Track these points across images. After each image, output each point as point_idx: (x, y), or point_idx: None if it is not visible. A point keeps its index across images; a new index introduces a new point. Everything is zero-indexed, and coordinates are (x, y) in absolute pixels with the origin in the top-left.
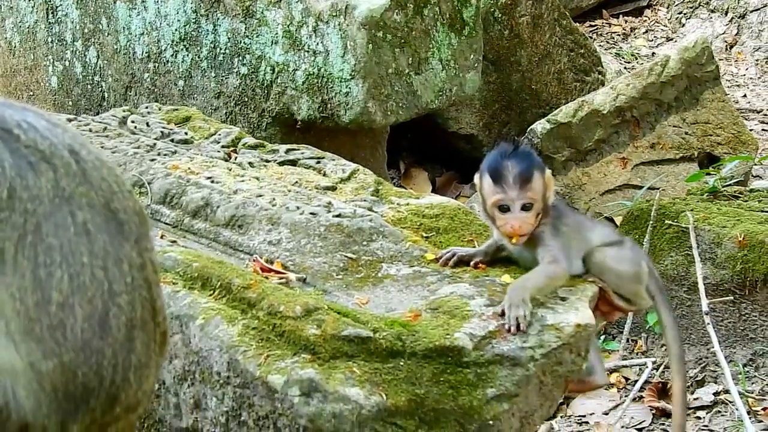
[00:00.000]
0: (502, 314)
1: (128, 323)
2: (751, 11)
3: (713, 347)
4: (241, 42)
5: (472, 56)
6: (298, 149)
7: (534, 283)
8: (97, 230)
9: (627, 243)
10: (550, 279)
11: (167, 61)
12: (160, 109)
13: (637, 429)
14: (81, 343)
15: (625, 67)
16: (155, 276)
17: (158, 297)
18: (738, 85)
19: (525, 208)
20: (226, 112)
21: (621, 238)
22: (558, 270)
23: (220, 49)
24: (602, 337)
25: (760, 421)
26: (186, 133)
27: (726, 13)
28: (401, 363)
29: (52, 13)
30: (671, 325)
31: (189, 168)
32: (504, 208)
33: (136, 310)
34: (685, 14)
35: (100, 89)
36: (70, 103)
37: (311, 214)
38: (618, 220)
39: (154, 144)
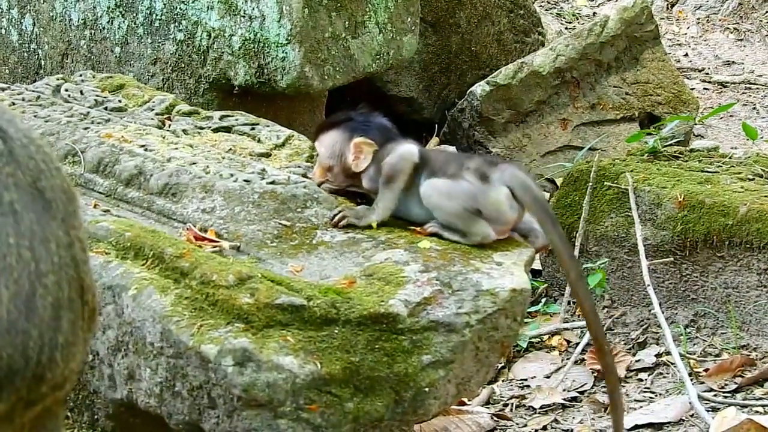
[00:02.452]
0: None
1: (55, 303)
2: None
3: (654, 309)
4: (176, 8)
5: (409, 19)
6: (233, 116)
7: (382, 197)
8: (24, 210)
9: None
10: (392, 179)
11: (103, 28)
12: (94, 77)
13: (578, 392)
14: (7, 325)
15: (566, 28)
16: (83, 254)
17: (86, 275)
18: (679, 44)
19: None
20: (163, 79)
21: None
22: (396, 163)
23: (156, 15)
24: (543, 300)
25: (702, 383)
26: (120, 101)
27: None
28: (336, 331)
29: None
30: (562, 249)
31: (122, 136)
32: None
33: (63, 289)
34: None
35: (36, 57)
36: (7, 71)
37: (245, 181)
38: (559, 181)
39: (88, 112)
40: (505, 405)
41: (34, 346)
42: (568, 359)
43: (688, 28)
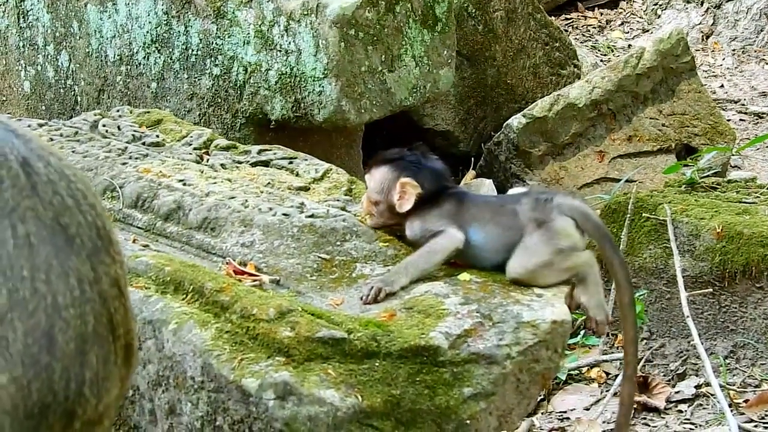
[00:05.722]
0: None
1: (78, 337)
2: (727, 1)
3: (693, 340)
4: (212, 43)
5: (445, 52)
6: (271, 150)
7: (414, 263)
8: (41, 243)
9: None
10: (431, 254)
11: (139, 64)
12: (131, 113)
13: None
14: (28, 358)
15: (601, 60)
16: (114, 290)
17: (117, 311)
18: (715, 76)
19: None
20: (199, 114)
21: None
22: (441, 242)
23: (192, 50)
24: (582, 332)
25: (742, 414)
26: (157, 136)
27: (701, 4)
28: (377, 364)
29: (23, 17)
30: (621, 274)
31: (161, 171)
32: None
33: (88, 323)
34: (660, 5)
35: (72, 93)
36: (43, 107)
37: (284, 215)
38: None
39: (126, 147)
40: None
41: (60, 380)
42: (607, 391)
43: (724, 59)
